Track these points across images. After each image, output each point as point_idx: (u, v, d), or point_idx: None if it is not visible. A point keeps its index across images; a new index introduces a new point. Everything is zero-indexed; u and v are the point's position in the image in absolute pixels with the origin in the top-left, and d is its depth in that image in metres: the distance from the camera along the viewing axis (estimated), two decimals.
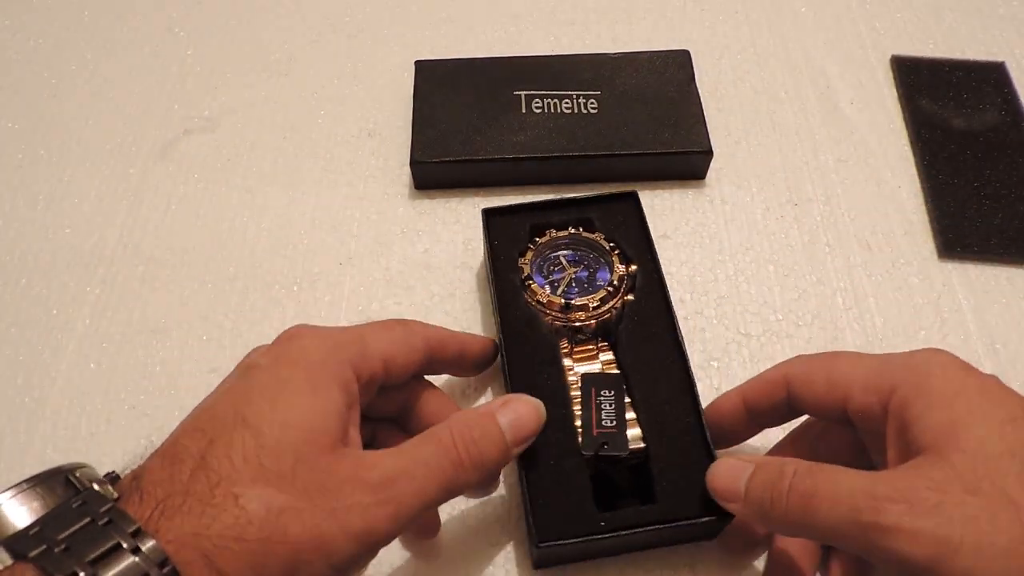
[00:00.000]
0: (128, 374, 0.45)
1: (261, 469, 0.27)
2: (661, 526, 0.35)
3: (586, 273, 0.43)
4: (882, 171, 0.53)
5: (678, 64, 0.55)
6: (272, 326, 0.47)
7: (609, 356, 0.40)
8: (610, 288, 0.41)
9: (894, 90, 0.58)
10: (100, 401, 0.44)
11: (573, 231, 0.44)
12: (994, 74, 0.57)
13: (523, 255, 0.43)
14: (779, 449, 0.39)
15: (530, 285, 0.42)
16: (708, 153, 0.51)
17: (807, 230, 0.51)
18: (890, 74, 0.59)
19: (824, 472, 0.30)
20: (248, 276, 0.49)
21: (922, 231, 0.51)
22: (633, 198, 0.45)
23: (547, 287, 0.42)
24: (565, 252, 0.44)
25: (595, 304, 0.41)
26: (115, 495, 0.27)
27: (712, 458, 0.36)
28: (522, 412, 0.34)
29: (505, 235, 0.45)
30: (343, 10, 0.63)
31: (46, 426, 0.43)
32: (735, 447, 0.40)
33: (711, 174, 0.53)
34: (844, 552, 0.35)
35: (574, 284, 0.43)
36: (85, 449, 0.43)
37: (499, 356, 0.41)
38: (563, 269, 0.43)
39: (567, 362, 0.40)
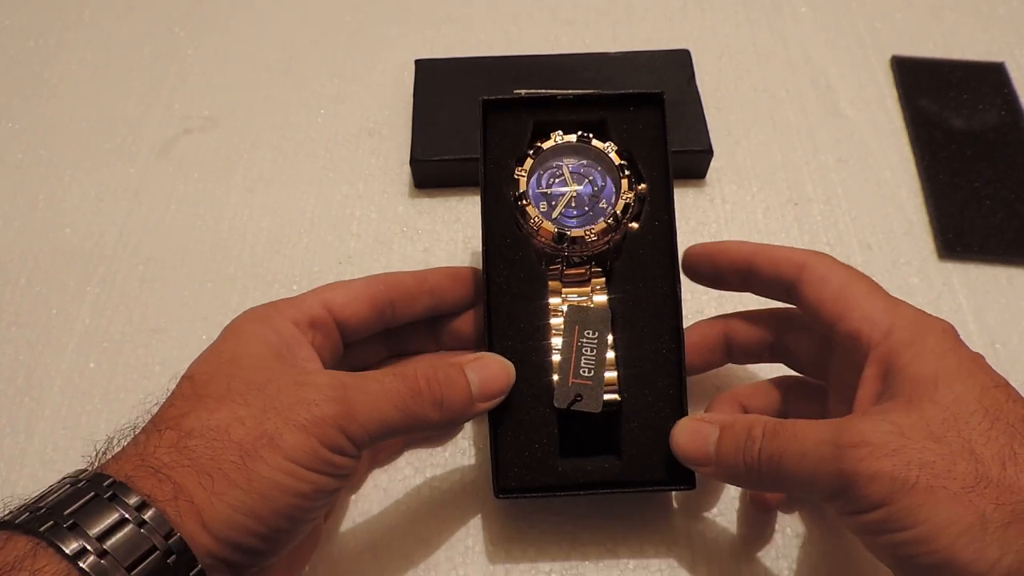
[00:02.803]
0: (128, 374, 0.45)
1: (198, 398, 0.30)
2: (622, 490, 0.35)
3: (589, 190, 0.38)
4: (882, 171, 0.53)
5: (678, 64, 0.55)
6: None
7: (601, 281, 0.37)
8: (611, 220, 0.37)
9: (894, 90, 0.58)
10: (100, 401, 0.44)
11: (582, 136, 0.38)
12: (994, 74, 0.57)
13: (521, 163, 0.38)
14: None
15: (524, 206, 0.37)
16: (708, 152, 0.51)
17: (807, 230, 0.51)
18: (890, 74, 0.59)
19: (788, 431, 0.30)
20: (248, 276, 0.49)
21: (922, 231, 0.51)
22: (656, 102, 0.39)
23: (543, 203, 0.38)
24: (570, 160, 0.39)
25: (592, 238, 0.37)
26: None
27: None
28: (493, 370, 0.34)
29: (504, 134, 0.39)
30: (343, 10, 0.63)
31: (46, 426, 0.43)
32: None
33: (711, 173, 0.53)
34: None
35: (573, 204, 0.38)
36: (85, 450, 0.43)
37: (482, 280, 0.38)
38: (564, 182, 0.38)
39: (553, 284, 0.37)
